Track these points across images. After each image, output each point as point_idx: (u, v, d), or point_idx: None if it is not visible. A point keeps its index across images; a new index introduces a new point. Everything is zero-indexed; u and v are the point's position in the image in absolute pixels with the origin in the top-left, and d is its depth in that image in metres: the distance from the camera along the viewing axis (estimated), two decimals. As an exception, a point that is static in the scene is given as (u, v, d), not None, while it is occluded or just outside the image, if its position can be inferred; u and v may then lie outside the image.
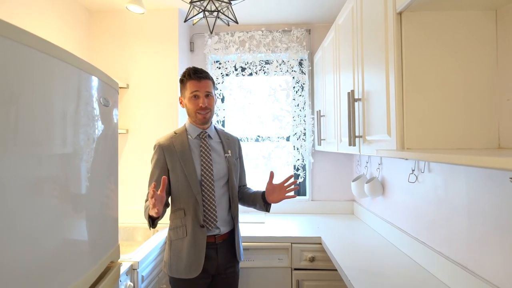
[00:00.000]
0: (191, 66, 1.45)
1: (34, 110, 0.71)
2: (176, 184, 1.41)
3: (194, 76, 1.40)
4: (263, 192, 1.49)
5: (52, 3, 1.84)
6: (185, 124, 1.51)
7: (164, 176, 1.25)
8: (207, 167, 1.41)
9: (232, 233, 1.49)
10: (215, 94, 1.51)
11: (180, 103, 1.50)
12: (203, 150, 1.44)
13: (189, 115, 1.47)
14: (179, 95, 1.69)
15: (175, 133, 1.48)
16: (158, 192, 1.22)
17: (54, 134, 0.79)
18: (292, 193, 1.92)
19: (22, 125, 0.67)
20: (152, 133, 2.22)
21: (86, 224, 0.95)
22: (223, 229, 1.45)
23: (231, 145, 1.54)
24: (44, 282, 0.74)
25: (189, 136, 1.46)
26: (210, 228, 1.40)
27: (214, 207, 1.41)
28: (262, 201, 1.48)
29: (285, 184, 1.44)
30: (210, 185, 1.41)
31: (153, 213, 1.25)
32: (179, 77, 2.22)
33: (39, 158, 0.73)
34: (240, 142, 1.63)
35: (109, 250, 1.11)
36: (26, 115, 0.68)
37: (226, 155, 1.49)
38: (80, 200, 0.91)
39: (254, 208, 1.54)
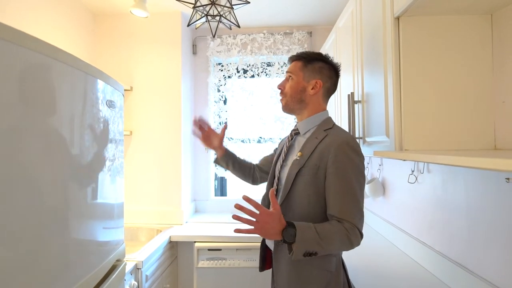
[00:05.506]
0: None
1: (42, 112, 0.74)
2: None
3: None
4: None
5: (57, 7, 1.88)
6: None
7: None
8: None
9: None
10: (305, 77, 1.07)
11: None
12: (282, 154, 1.14)
13: None
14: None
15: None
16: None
17: (62, 136, 0.82)
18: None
19: (31, 127, 0.70)
20: (155, 134, 2.25)
21: (93, 223, 0.98)
22: None
23: (318, 148, 1.00)
24: (52, 280, 0.77)
25: None
26: None
27: None
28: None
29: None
30: None
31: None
32: (183, 79, 2.28)
33: (45, 158, 0.76)
34: (340, 148, 0.96)
35: (116, 249, 1.14)
36: (35, 117, 0.71)
37: (296, 157, 1.04)
38: (88, 199, 0.94)
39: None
